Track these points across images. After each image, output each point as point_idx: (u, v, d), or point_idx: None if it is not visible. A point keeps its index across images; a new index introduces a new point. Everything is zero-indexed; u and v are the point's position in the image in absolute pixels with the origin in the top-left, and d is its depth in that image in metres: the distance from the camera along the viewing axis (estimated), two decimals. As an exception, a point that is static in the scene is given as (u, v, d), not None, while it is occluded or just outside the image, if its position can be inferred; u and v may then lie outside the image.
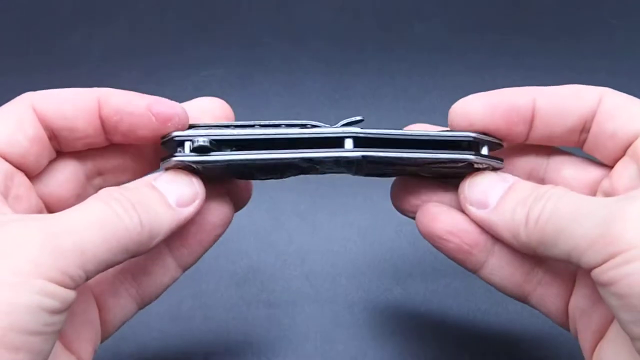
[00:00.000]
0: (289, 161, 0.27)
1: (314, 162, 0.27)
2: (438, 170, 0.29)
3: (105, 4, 0.52)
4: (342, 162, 0.27)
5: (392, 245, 0.42)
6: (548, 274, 0.29)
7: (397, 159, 0.27)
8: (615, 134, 0.27)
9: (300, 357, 0.38)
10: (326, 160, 0.27)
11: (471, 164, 0.28)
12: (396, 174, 0.31)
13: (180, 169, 0.28)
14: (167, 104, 0.27)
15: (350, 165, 0.28)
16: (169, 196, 0.27)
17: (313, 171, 0.28)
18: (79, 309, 0.27)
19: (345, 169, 0.28)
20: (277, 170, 0.29)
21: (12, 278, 0.21)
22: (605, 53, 0.49)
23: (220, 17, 0.52)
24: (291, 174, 0.29)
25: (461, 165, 0.28)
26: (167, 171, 0.28)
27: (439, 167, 0.28)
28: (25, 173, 0.27)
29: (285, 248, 0.42)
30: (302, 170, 0.28)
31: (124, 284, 0.29)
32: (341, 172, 0.29)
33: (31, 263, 0.22)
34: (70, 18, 0.52)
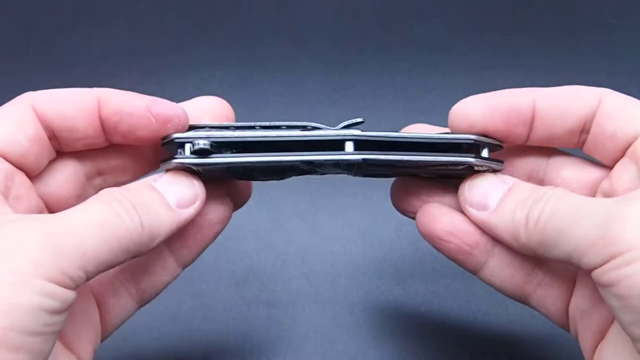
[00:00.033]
0: (289, 164, 0.27)
1: (314, 164, 0.27)
2: (438, 171, 0.29)
3: (105, 4, 0.52)
4: (343, 165, 0.27)
5: (392, 245, 0.42)
6: (548, 275, 0.29)
7: (398, 161, 0.27)
8: (615, 134, 0.27)
9: (300, 357, 0.38)
10: (327, 163, 0.27)
11: (471, 166, 0.28)
12: (396, 174, 0.31)
13: (180, 171, 0.28)
14: (166, 105, 0.27)
15: (350, 167, 0.28)
16: (169, 197, 0.27)
17: (313, 173, 0.28)
18: (79, 309, 0.27)
19: (346, 171, 0.28)
20: (278, 172, 0.29)
21: (12, 278, 0.21)
22: (605, 53, 0.49)
23: (220, 17, 0.52)
24: (291, 175, 0.29)
25: (461, 168, 0.28)
26: (168, 172, 0.28)
27: (439, 168, 0.28)
28: (26, 173, 0.27)
29: (285, 248, 0.42)
30: (303, 172, 0.28)
31: (123, 284, 0.29)
32: (341, 174, 0.29)
33: (31, 263, 0.22)
34: (70, 18, 0.52)
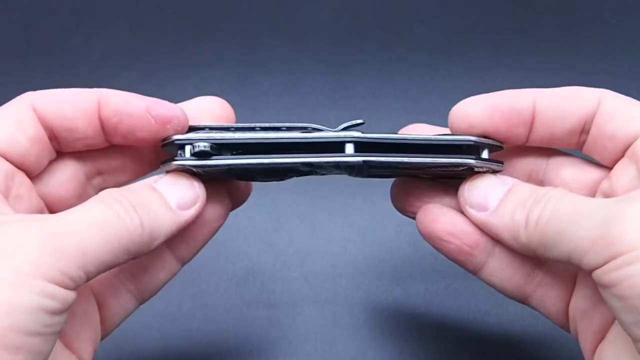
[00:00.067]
0: (290, 165, 0.27)
1: (314, 166, 0.27)
2: (438, 172, 0.29)
3: (105, 4, 0.52)
4: (343, 167, 0.27)
5: (392, 245, 0.42)
6: (548, 275, 0.29)
7: (398, 163, 0.27)
8: (615, 135, 0.27)
9: (300, 357, 0.38)
10: (327, 165, 0.27)
11: (471, 167, 0.28)
12: (396, 175, 0.31)
13: (181, 172, 0.28)
14: (166, 106, 0.27)
15: (350, 169, 0.28)
16: (170, 199, 0.27)
17: (313, 174, 0.28)
18: (80, 309, 0.27)
19: (346, 172, 0.28)
20: (278, 174, 0.29)
21: (12, 278, 0.21)
22: (605, 53, 0.49)
23: (220, 17, 0.52)
24: (292, 176, 0.29)
25: (461, 169, 0.28)
26: (168, 174, 0.28)
27: (439, 170, 0.28)
28: (26, 173, 0.27)
29: (285, 249, 0.42)
30: (303, 173, 0.28)
31: (124, 283, 0.29)
32: (341, 174, 0.29)
33: (32, 263, 0.22)
34: (70, 18, 0.52)
